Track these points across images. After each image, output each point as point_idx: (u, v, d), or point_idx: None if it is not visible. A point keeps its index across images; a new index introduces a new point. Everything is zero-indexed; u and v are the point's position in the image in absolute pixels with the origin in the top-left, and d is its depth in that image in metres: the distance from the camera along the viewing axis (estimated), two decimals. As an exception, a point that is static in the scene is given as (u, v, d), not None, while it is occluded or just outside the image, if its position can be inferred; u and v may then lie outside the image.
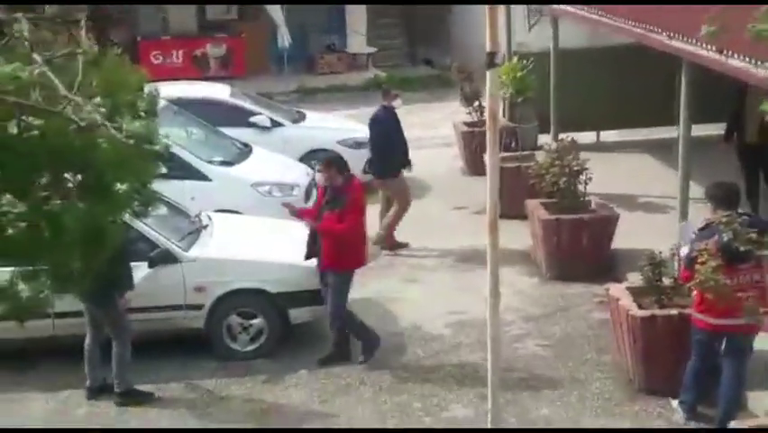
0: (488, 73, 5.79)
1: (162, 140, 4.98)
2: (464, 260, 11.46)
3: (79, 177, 4.43)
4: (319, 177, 9.32)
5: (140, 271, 9.05)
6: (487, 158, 13.03)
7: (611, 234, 10.92)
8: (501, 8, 5.76)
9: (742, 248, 6.36)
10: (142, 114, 5.37)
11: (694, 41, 8.44)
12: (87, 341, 8.70)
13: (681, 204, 9.70)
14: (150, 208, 5.29)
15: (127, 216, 8.70)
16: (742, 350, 7.39)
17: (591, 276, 10.46)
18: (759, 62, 7.25)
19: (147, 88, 5.51)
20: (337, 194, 9.02)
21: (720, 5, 5.80)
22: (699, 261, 6.52)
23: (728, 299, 6.33)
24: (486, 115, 14.39)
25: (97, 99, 4.92)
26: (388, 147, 11.98)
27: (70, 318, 8.68)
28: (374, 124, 12.19)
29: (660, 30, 9.42)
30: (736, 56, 7.76)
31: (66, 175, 4.44)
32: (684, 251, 7.49)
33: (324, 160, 9.44)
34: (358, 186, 9.26)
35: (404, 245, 12.00)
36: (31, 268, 4.51)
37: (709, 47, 8.16)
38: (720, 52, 7.78)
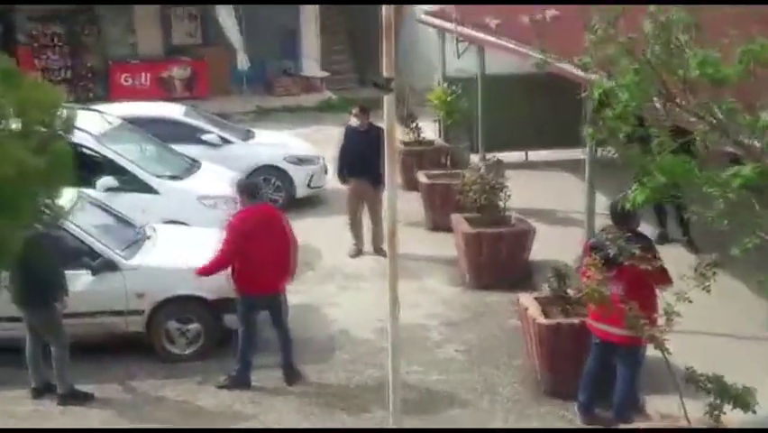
0: (384, 98, 5.63)
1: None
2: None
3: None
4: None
5: (84, 278, 8.86)
6: (420, 175, 13.19)
7: (528, 247, 10.85)
8: (395, 27, 5.56)
9: (625, 262, 6.27)
10: (59, 132, 5.21)
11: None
12: (28, 345, 8.45)
13: (587, 218, 9.65)
14: (59, 222, 5.09)
15: (71, 226, 8.63)
16: (632, 356, 7.31)
17: (510, 285, 10.34)
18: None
19: (63, 109, 5.34)
20: None
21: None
22: (588, 274, 6.43)
23: (610, 308, 6.23)
24: (421, 135, 14.60)
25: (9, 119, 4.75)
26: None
27: (12, 323, 8.44)
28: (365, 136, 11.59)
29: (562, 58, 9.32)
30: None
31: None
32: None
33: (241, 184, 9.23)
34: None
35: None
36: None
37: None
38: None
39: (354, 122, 11.82)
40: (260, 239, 8.41)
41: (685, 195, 4.72)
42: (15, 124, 4.98)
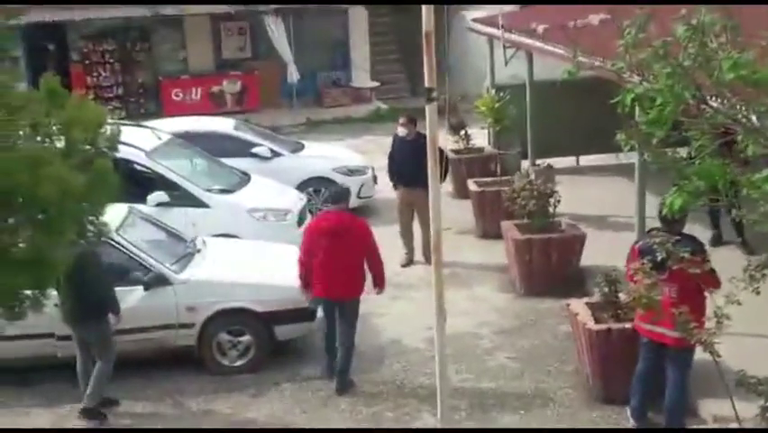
0: (426, 108, 5.67)
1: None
2: (445, 278, 11.30)
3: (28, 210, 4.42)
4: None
5: (135, 293, 9.03)
6: (470, 183, 13.19)
7: (579, 253, 10.79)
8: (445, 38, 5.60)
9: (674, 267, 6.23)
10: (104, 150, 5.36)
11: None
12: (79, 363, 8.60)
13: (638, 223, 9.58)
14: (102, 238, 5.22)
15: (122, 241, 8.80)
16: (683, 359, 7.25)
17: (561, 292, 10.29)
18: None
19: (108, 126, 5.49)
20: None
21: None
22: (636, 279, 6.39)
23: (660, 312, 6.19)
24: (471, 142, 14.59)
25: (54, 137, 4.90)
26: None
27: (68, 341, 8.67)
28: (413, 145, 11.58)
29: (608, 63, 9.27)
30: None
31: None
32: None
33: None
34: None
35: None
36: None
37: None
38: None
39: (402, 131, 11.88)
40: (331, 244, 8.61)
41: (728, 198, 4.67)
42: (60, 143, 5.13)
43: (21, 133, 4.73)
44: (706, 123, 4.15)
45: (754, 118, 4.14)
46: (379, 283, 8.99)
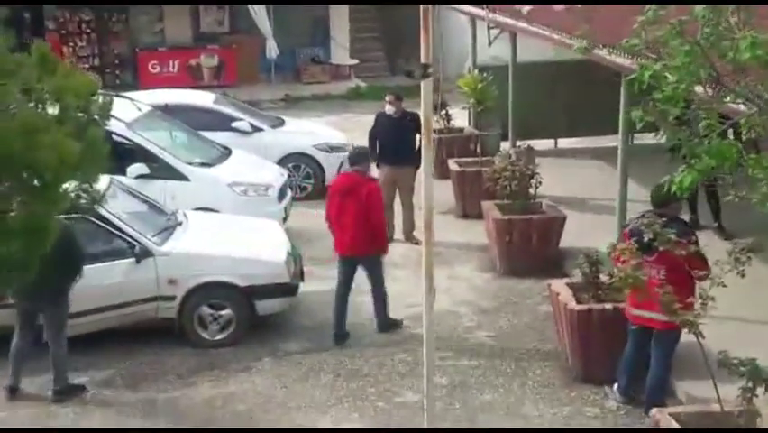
0: (421, 83, 5.69)
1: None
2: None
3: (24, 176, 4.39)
4: None
5: (117, 267, 8.98)
6: (450, 163, 13.24)
7: (559, 234, 10.89)
8: (432, 20, 5.61)
9: (660, 247, 6.31)
10: (96, 117, 5.33)
11: (629, 55, 8.36)
12: (16, 343, 8.34)
13: (619, 205, 9.68)
14: (95, 206, 5.20)
15: (103, 212, 8.73)
16: (669, 339, 7.36)
17: (541, 272, 10.38)
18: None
19: (99, 95, 5.45)
20: None
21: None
22: (622, 259, 6.46)
23: (646, 293, 6.28)
24: (451, 122, 14.62)
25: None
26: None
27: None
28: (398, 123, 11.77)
29: (602, 45, 9.32)
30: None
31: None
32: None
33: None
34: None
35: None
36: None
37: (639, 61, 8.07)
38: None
39: (389, 109, 11.86)
40: (343, 203, 9.23)
41: (730, 178, 4.74)
42: (52, 110, 5.09)
43: (14, 98, 4.67)
44: (717, 102, 4.20)
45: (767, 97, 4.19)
46: (377, 243, 9.31)
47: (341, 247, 9.42)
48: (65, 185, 4.57)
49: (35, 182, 4.33)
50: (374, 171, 12.31)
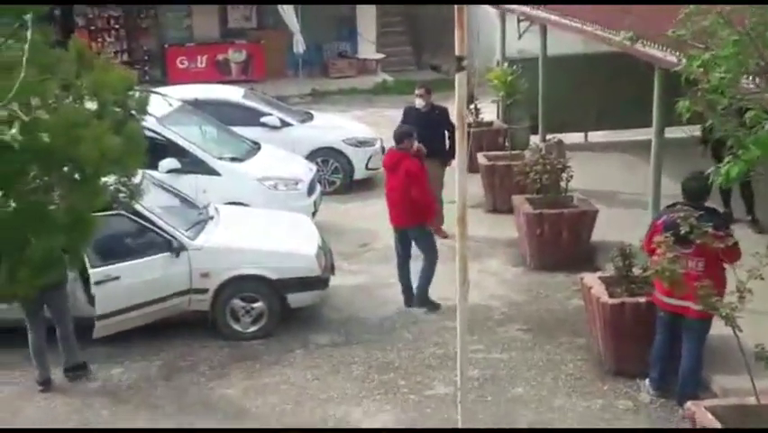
0: (456, 76, 5.70)
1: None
2: (455, 250, 11.35)
3: (65, 169, 4.44)
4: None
5: (150, 264, 9.05)
6: (479, 157, 13.21)
7: (591, 228, 10.85)
8: (466, 13, 5.61)
9: (697, 240, 6.28)
10: (133, 112, 5.38)
11: (664, 47, 8.33)
12: (34, 340, 8.51)
13: (653, 199, 9.63)
14: (134, 200, 5.26)
15: (137, 207, 8.81)
16: (698, 331, 7.34)
17: (572, 266, 10.35)
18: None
19: (136, 90, 5.50)
20: None
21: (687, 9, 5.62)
22: (658, 252, 6.45)
23: (682, 286, 6.26)
24: (480, 116, 14.59)
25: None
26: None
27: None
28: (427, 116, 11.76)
29: (643, 37, 9.28)
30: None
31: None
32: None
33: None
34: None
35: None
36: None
37: (678, 53, 8.03)
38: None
39: (419, 102, 11.87)
40: (389, 179, 9.95)
41: None
42: (90, 104, 5.15)
43: (53, 93, 4.73)
44: (765, 92, 4.18)
45: None
46: (425, 216, 9.79)
47: (391, 219, 10.05)
48: (104, 179, 4.63)
49: (76, 176, 4.38)
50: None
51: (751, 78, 4.44)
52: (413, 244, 10.02)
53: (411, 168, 9.69)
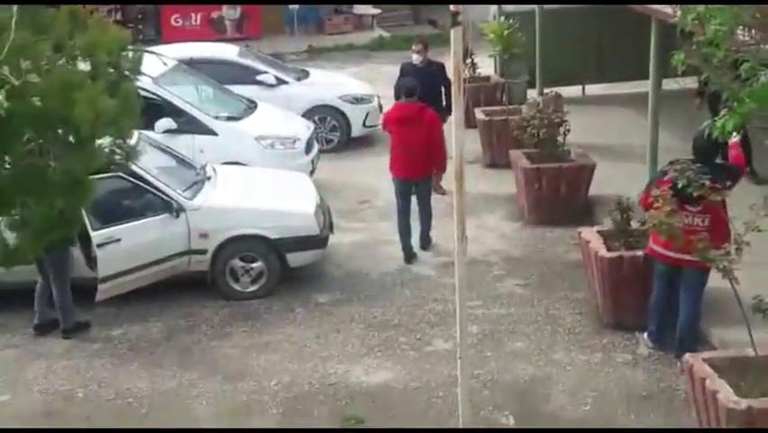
0: (451, 31, 5.67)
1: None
2: (453, 207, 11.36)
3: (60, 132, 4.42)
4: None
5: (148, 225, 9.05)
6: (477, 112, 13.18)
7: (588, 182, 10.85)
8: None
9: (694, 193, 6.29)
10: (127, 73, 5.35)
11: (660, -2, 8.26)
12: (39, 286, 8.78)
13: (650, 152, 9.62)
14: (130, 162, 5.25)
15: (134, 168, 8.79)
16: (696, 284, 7.37)
17: (570, 220, 10.34)
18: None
19: (130, 50, 5.46)
20: None
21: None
22: (656, 205, 6.45)
23: (680, 239, 6.28)
24: (477, 70, 14.50)
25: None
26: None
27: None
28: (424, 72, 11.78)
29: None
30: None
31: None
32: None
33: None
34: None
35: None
36: (17, 217, 4.49)
37: (674, 5, 7.96)
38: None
39: (416, 58, 11.82)
40: (402, 131, 9.92)
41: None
42: (84, 65, 5.11)
43: (45, 55, 4.70)
44: (760, 45, 4.16)
45: None
46: (438, 167, 10.09)
47: (404, 171, 10.04)
48: (99, 141, 4.61)
49: (71, 138, 4.37)
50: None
51: (746, 30, 4.42)
52: (413, 196, 10.17)
53: (434, 119, 9.94)
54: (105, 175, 7.19)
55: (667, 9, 8.21)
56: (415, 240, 10.26)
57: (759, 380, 5.99)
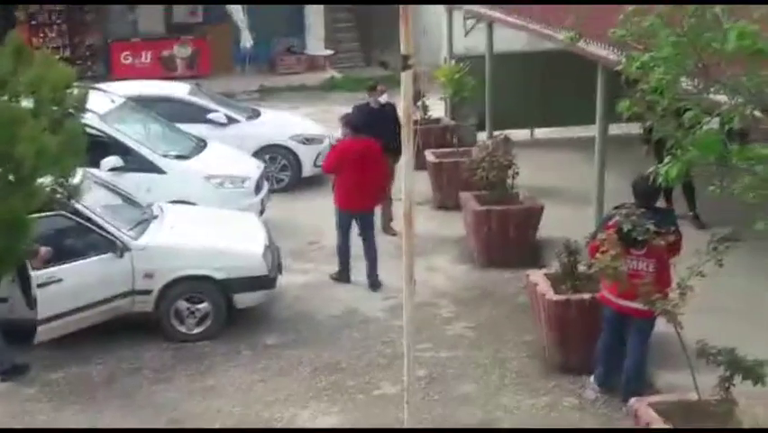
0: (402, 75, 5.70)
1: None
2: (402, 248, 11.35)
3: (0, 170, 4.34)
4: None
5: (92, 265, 8.89)
6: (427, 154, 13.25)
7: (536, 224, 10.94)
8: (411, 11, 5.61)
9: (639, 238, 6.36)
10: (71, 110, 5.29)
11: (607, 45, 8.42)
12: None
13: (597, 196, 9.74)
14: (73, 200, 5.16)
15: (78, 207, 8.67)
16: (643, 330, 7.42)
17: (519, 263, 10.41)
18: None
19: (75, 87, 5.41)
20: None
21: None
22: (602, 249, 6.51)
23: (625, 283, 6.33)
24: (427, 114, 14.63)
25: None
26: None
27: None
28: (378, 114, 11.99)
29: (587, 36, 9.35)
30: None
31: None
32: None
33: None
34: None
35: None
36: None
37: (620, 52, 8.11)
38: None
39: (378, 100, 11.96)
40: (356, 166, 10.21)
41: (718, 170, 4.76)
42: (27, 102, 5.05)
43: (-12, 91, 4.62)
44: (704, 93, 4.23)
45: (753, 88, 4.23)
46: (381, 197, 10.97)
47: (355, 204, 10.37)
48: (41, 179, 4.54)
49: (10, 177, 4.29)
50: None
51: (690, 78, 4.51)
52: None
53: (380, 152, 10.46)
54: (47, 214, 7.08)
55: (613, 56, 8.39)
56: (363, 280, 10.26)
57: (703, 424, 6.03)
